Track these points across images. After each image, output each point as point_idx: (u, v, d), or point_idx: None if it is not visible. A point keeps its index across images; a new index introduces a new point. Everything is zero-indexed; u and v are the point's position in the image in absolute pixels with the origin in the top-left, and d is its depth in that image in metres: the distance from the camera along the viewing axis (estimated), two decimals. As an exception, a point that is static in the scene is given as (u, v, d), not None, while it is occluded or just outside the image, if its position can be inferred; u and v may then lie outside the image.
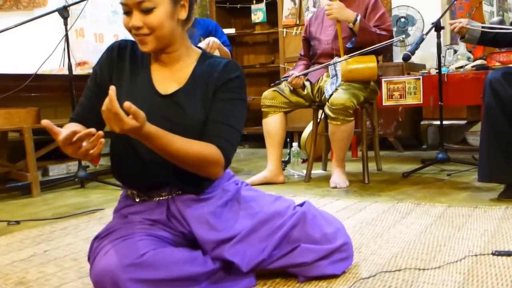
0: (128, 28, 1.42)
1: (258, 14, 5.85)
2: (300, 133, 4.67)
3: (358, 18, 3.18)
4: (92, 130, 1.20)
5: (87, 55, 4.51)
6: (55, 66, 4.12)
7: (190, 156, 1.35)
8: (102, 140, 1.19)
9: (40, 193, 3.33)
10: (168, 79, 1.49)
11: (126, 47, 1.53)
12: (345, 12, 3.18)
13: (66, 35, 3.44)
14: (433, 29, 3.27)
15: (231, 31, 5.88)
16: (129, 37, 1.47)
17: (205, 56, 1.54)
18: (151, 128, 1.25)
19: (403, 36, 3.03)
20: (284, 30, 5.50)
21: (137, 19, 1.38)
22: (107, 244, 1.39)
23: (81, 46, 4.48)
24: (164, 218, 1.49)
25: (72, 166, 3.85)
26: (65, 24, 3.41)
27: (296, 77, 3.36)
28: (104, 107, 1.17)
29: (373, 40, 3.23)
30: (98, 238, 1.47)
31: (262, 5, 5.80)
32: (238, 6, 5.91)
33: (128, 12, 1.40)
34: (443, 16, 3.40)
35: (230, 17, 6.25)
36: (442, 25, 3.35)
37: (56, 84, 3.86)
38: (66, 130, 1.23)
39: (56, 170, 3.82)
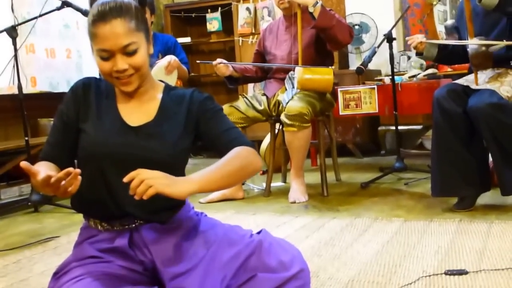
0: (108, 73, 1.41)
1: (213, 23, 5.82)
2: (259, 143, 4.67)
3: (319, 2, 3.09)
4: (70, 169, 1.22)
5: (38, 70, 4.40)
6: (4, 83, 4.01)
7: (233, 165, 1.38)
8: (79, 177, 1.22)
9: (-9, 220, 3.23)
10: (136, 112, 1.49)
11: (90, 84, 1.52)
12: None
13: (15, 55, 3.34)
14: (385, 40, 3.32)
15: (187, 39, 5.84)
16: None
17: (168, 88, 1.57)
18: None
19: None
20: (240, 39, 5.50)
21: (122, 62, 1.38)
22: (63, 284, 1.35)
23: (32, 62, 4.36)
24: (125, 246, 1.46)
25: (25, 188, 3.74)
26: (14, 44, 3.32)
27: (222, 64, 3.41)
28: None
29: (333, 25, 3.10)
30: (55, 277, 1.44)
31: (217, 14, 5.77)
32: (193, 15, 5.86)
33: (107, 58, 1.39)
34: (394, 27, 3.45)
35: (186, 26, 6.19)
36: (394, 36, 3.40)
37: (6, 105, 3.76)
38: (43, 168, 1.28)
39: (8, 193, 3.71)
